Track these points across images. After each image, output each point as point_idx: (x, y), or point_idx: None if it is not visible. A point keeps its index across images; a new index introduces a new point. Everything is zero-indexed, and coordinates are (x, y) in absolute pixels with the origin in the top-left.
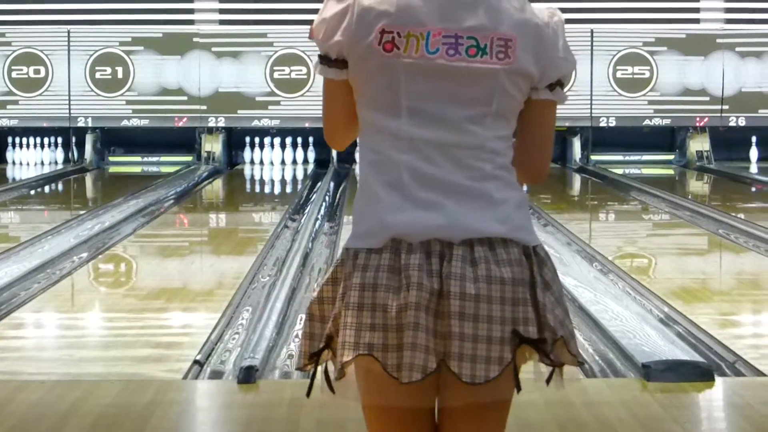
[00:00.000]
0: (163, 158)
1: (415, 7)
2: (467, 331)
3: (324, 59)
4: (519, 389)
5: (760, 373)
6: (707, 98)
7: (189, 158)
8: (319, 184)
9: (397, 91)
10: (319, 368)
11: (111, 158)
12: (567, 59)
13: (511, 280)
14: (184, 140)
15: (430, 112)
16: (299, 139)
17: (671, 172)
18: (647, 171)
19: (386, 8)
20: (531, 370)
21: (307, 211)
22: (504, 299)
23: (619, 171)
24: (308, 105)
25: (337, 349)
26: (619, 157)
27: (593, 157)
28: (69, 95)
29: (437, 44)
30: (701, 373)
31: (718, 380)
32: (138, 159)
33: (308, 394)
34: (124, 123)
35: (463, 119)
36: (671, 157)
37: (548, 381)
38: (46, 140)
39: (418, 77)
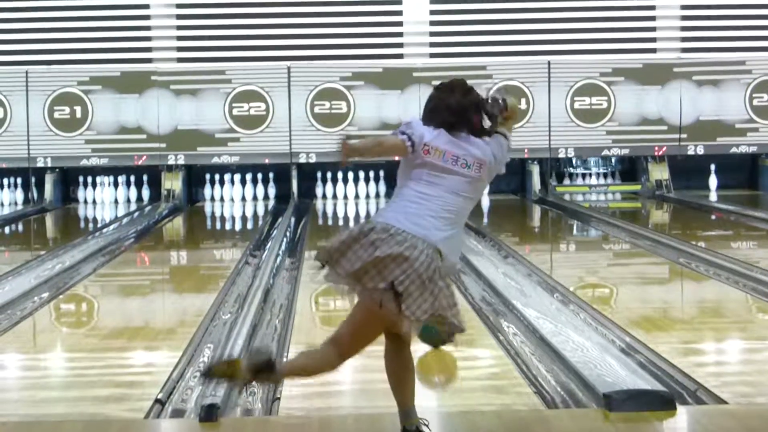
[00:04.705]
0: None
1: (443, 142)
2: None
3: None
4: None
5: (721, 401)
6: (665, 127)
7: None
8: (279, 219)
9: (423, 171)
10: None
11: None
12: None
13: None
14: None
15: (434, 184)
16: (259, 175)
17: (638, 205)
18: (614, 206)
19: (432, 139)
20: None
21: (268, 246)
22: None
23: (586, 204)
24: (267, 141)
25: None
26: (585, 189)
27: (558, 189)
28: (28, 136)
29: (448, 158)
30: (663, 402)
31: (680, 409)
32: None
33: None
34: (84, 162)
35: (450, 192)
36: (638, 187)
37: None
38: (5, 181)
39: (435, 168)
